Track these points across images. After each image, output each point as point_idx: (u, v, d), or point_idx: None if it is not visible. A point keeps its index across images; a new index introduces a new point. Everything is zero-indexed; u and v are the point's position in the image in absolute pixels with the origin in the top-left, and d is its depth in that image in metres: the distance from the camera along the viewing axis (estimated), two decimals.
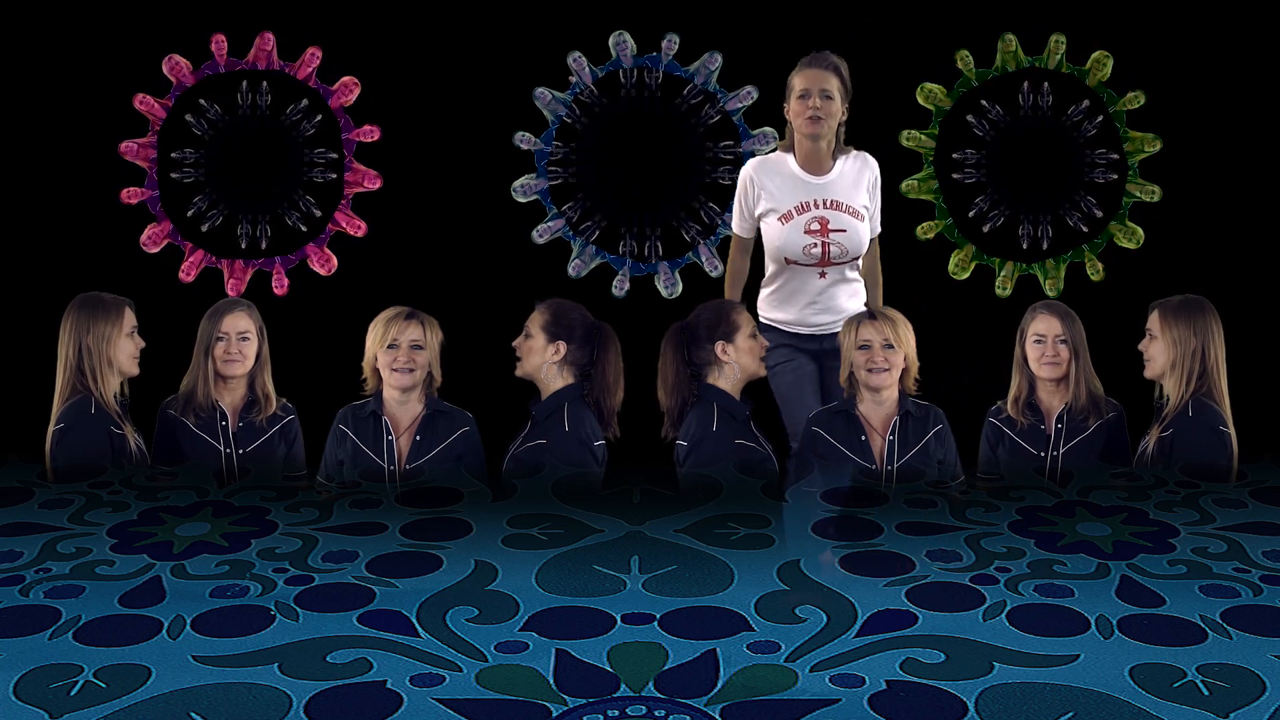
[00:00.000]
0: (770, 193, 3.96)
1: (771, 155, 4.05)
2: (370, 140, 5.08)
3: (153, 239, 4.91)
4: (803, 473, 3.73)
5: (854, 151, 4.06)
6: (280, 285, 5.06)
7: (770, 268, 4.10)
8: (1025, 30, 5.10)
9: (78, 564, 3.00)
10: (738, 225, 4.11)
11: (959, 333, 4.92)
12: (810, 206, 3.92)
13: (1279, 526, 3.27)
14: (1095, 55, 5.02)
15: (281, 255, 5.01)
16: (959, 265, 5.07)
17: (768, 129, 5.06)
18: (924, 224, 5.11)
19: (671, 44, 5.03)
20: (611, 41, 5.03)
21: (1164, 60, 5.02)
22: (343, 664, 2.45)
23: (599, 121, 5.05)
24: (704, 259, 5.14)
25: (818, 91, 3.86)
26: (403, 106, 5.11)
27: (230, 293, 5.00)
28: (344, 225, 4.95)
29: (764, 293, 4.17)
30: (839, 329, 3.98)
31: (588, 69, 5.04)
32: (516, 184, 5.06)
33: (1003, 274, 5.08)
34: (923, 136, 5.10)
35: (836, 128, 3.96)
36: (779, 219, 3.93)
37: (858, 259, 4.04)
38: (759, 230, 4.09)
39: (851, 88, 3.95)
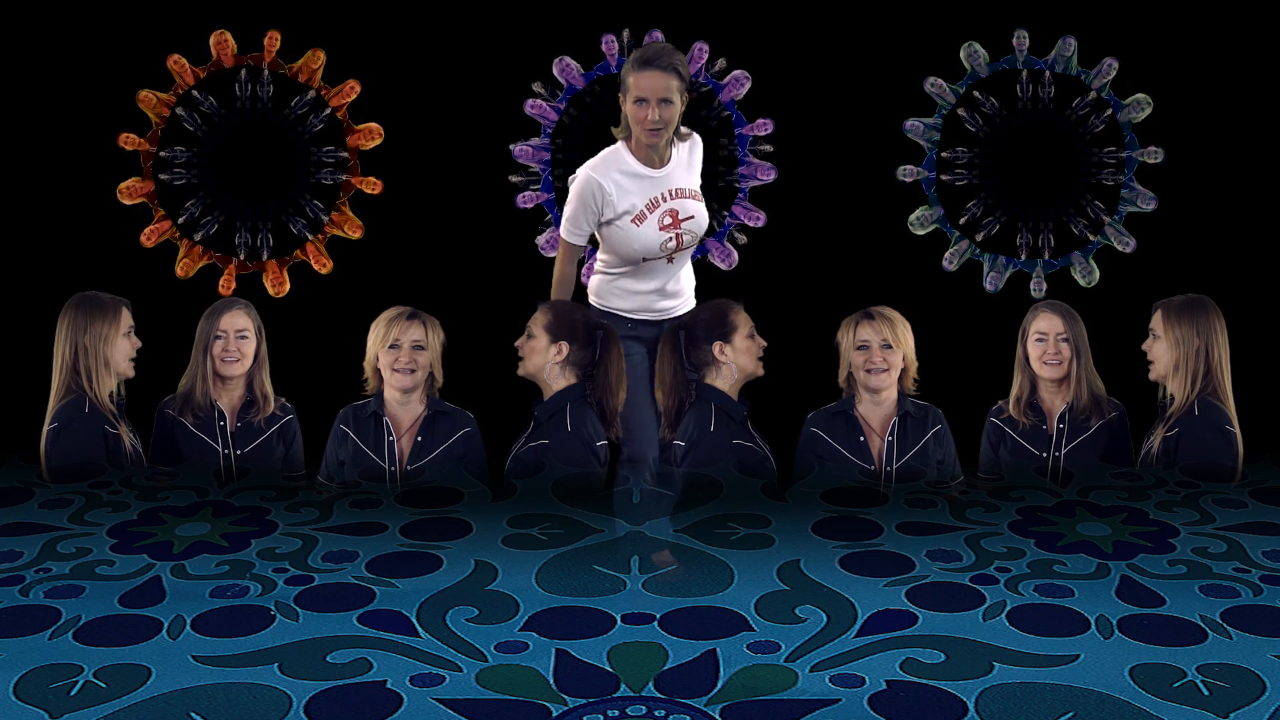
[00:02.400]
0: (619, 196, 3.78)
1: (609, 154, 3.82)
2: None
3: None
4: (638, 472, 3.72)
5: (684, 131, 3.91)
6: None
7: (611, 261, 3.98)
8: (1030, 29, 5.10)
9: (78, 564, 3.00)
10: (573, 233, 3.86)
11: (959, 332, 4.92)
12: (659, 202, 3.79)
13: (1279, 526, 3.27)
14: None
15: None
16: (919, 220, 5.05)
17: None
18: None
19: (611, 44, 5.01)
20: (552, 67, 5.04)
21: (1164, 59, 5.02)
22: (343, 664, 2.45)
23: (595, 122, 5.04)
24: (716, 255, 5.14)
25: (656, 101, 3.66)
26: (403, 105, 5.11)
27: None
28: None
29: (604, 282, 4.01)
30: (680, 311, 3.97)
31: (616, 51, 5.02)
32: (539, 239, 5.02)
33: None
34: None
35: (677, 122, 3.82)
36: (632, 220, 3.79)
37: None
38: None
39: (689, 76, 3.78)
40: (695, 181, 3.93)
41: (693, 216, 3.84)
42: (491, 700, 2.32)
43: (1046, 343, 3.92)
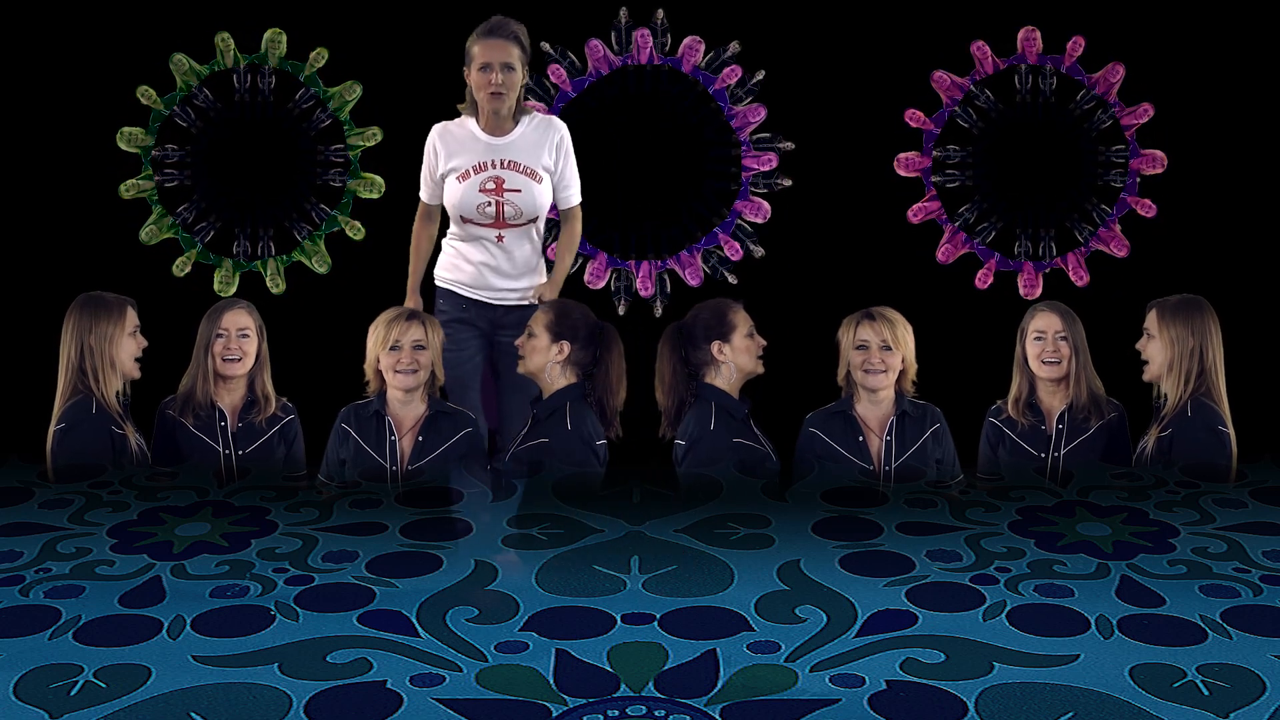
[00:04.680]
0: (451, 152, 4.02)
1: (455, 119, 4.10)
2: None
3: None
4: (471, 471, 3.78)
5: (539, 115, 4.11)
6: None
7: (451, 228, 4.16)
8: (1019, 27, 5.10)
9: (78, 564, 3.00)
10: (424, 192, 4.17)
11: (959, 332, 4.92)
12: (487, 166, 3.98)
13: (1279, 526, 3.27)
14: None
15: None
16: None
17: None
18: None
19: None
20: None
21: (1164, 59, 5.02)
22: (343, 664, 2.45)
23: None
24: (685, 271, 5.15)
25: (499, 65, 3.91)
26: (402, 105, 5.11)
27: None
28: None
29: (446, 250, 4.20)
30: (516, 299, 4.08)
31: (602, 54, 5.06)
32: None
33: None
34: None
35: (518, 91, 4.03)
36: (457, 178, 4.00)
37: (535, 220, 4.09)
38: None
39: (530, 47, 4.02)
40: (540, 161, 4.01)
41: (520, 191, 3.96)
42: (491, 700, 2.32)
43: (1045, 341, 3.91)
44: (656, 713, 2.26)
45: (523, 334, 3.87)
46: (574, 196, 4.15)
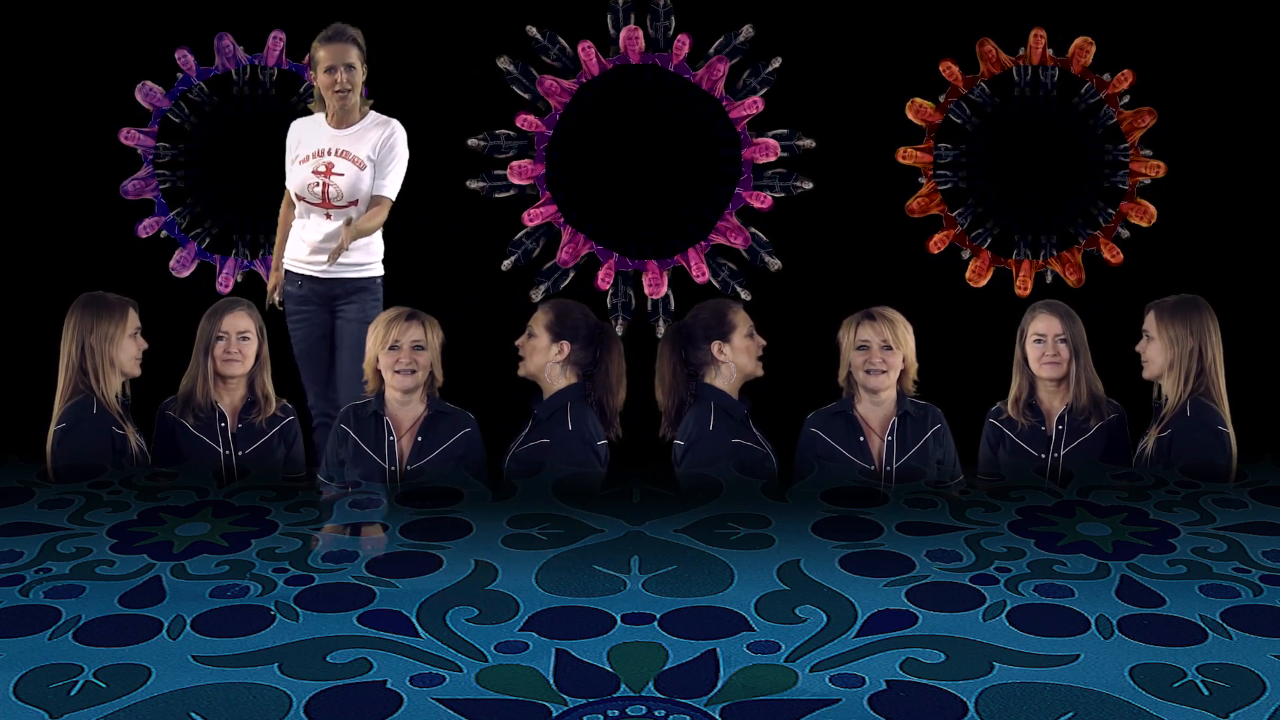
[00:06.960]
0: (302, 141, 4.39)
1: (311, 116, 4.45)
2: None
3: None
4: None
5: (385, 118, 4.41)
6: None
7: (295, 212, 4.46)
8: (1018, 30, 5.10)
9: (78, 564, 3.00)
10: (287, 179, 4.45)
11: (959, 332, 4.92)
12: (325, 153, 4.33)
13: (1279, 526, 3.27)
14: (1077, 41, 5.03)
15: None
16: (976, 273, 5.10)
17: None
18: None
19: (589, 49, 5.03)
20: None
21: (1164, 60, 5.02)
22: (343, 664, 2.45)
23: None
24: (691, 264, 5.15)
25: (342, 66, 4.27)
26: (399, 104, 5.11)
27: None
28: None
29: (289, 239, 4.49)
30: (346, 273, 4.34)
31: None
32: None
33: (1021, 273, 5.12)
34: (918, 152, 5.10)
35: (360, 86, 4.37)
36: (299, 161, 4.36)
37: (356, 203, 4.31)
38: None
39: (365, 45, 4.34)
40: (366, 152, 4.31)
41: (344, 175, 4.30)
42: (491, 700, 2.32)
43: (1045, 344, 3.91)
44: (656, 713, 2.27)
45: (522, 334, 3.88)
46: (385, 188, 4.35)
